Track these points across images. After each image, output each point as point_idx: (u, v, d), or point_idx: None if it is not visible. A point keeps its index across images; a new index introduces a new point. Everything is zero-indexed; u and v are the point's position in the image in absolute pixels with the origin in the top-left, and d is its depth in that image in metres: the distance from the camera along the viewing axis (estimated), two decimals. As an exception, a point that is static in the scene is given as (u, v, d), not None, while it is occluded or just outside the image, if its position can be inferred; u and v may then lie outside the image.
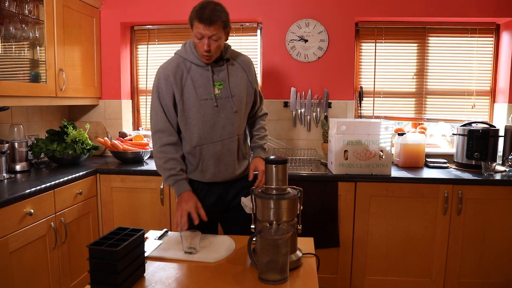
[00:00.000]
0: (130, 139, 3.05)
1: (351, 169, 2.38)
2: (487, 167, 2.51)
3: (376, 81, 3.13)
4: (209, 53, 1.63)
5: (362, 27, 3.08)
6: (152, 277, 1.27)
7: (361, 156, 2.34)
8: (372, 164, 2.37)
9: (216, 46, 1.63)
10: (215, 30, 1.60)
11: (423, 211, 2.45)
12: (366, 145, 2.35)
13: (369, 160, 2.35)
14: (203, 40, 1.61)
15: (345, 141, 2.36)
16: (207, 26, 1.58)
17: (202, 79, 1.71)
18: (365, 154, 2.34)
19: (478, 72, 3.07)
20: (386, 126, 2.35)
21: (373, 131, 2.34)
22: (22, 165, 2.49)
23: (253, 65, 1.86)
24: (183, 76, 1.70)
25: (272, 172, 1.35)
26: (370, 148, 2.35)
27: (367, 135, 2.34)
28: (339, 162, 2.38)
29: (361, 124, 2.36)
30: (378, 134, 2.34)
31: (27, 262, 1.97)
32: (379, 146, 2.36)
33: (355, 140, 2.34)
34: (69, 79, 2.70)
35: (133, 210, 2.66)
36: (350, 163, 2.37)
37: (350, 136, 2.35)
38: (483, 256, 2.46)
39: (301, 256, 1.37)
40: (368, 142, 2.35)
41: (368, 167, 2.37)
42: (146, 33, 3.28)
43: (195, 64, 1.71)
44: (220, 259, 1.41)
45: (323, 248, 2.50)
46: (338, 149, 2.37)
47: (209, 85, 1.70)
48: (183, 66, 1.71)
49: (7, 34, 2.33)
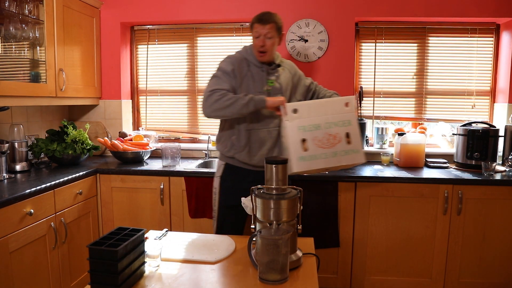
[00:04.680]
0: (130, 139, 3.05)
1: (315, 162, 1.79)
2: (487, 167, 2.51)
3: (376, 81, 3.13)
4: (263, 49, 1.97)
5: (362, 27, 3.08)
6: (152, 277, 1.27)
7: (323, 143, 1.80)
8: (339, 152, 1.81)
9: (270, 44, 1.97)
10: (270, 29, 1.96)
11: (423, 211, 2.45)
12: (327, 129, 1.81)
13: (334, 146, 1.80)
14: (259, 38, 1.97)
15: (300, 127, 1.79)
16: (262, 25, 1.96)
17: (258, 76, 2.03)
18: (328, 140, 1.80)
19: (478, 72, 3.07)
20: (346, 101, 1.84)
21: (332, 110, 1.82)
22: (22, 165, 2.49)
23: (296, 67, 2.23)
24: (244, 69, 2.02)
25: (272, 172, 1.35)
26: (333, 132, 1.81)
27: (325, 116, 1.81)
28: (298, 155, 1.77)
29: (316, 103, 1.88)
30: (340, 113, 1.82)
31: (27, 262, 1.97)
32: (344, 127, 1.82)
33: (313, 125, 1.79)
34: (69, 79, 2.71)
35: (133, 210, 2.66)
36: (312, 154, 1.78)
37: (305, 120, 1.80)
38: (483, 256, 2.46)
39: (301, 256, 1.37)
40: (328, 124, 1.81)
41: (335, 156, 1.80)
42: (146, 33, 3.28)
43: (254, 64, 2.03)
44: (220, 259, 1.41)
45: (323, 248, 2.50)
46: (294, 138, 1.78)
47: (263, 82, 2.02)
48: (245, 63, 2.04)
49: (7, 34, 2.33)
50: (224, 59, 2.06)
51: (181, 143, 3.24)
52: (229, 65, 2.00)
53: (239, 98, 1.87)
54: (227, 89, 1.93)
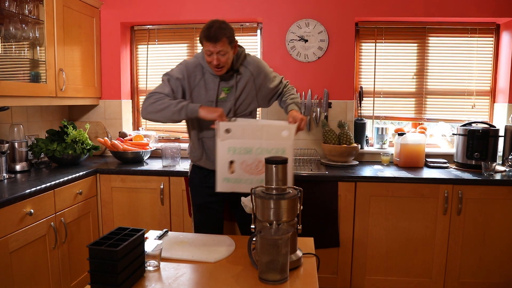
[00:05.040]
0: (130, 139, 3.05)
1: (239, 186, 1.70)
2: (487, 167, 2.51)
3: (376, 81, 3.13)
4: (218, 66, 1.85)
5: (362, 27, 3.08)
6: (152, 277, 1.27)
7: (251, 168, 1.68)
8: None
9: (224, 59, 1.84)
10: (221, 47, 1.80)
11: (423, 211, 2.45)
12: (258, 154, 1.68)
13: (262, 174, 1.63)
14: (212, 55, 1.82)
15: (230, 148, 1.69)
16: (214, 44, 1.79)
17: (212, 83, 1.95)
18: (257, 166, 1.68)
19: (478, 72, 3.07)
20: (286, 130, 1.71)
21: (268, 136, 1.69)
22: (22, 165, 2.49)
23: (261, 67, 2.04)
24: (197, 77, 1.95)
25: (272, 172, 1.35)
26: (263, 158, 1.52)
27: (260, 141, 1.69)
28: (223, 175, 1.70)
29: (252, 126, 1.73)
30: (275, 140, 1.69)
31: (27, 262, 1.97)
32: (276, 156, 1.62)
33: (244, 148, 1.68)
34: (69, 79, 2.71)
35: (133, 210, 2.66)
36: (237, 177, 1.70)
37: (237, 142, 1.69)
38: (483, 256, 2.46)
39: (301, 256, 1.37)
40: (260, 150, 1.68)
41: (262, 183, 1.55)
42: (146, 33, 3.28)
43: (208, 71, 1.95)
44: (220, 259, 1.41)
45: (323, 248, 2.50)
46: (222, 159, 1.70)
47: (217, 90, 1.94)
48: (199, 69, 1.96)
49: (7, 34, 2.33)
50: (178, 64, 1.99)
51: (181, 143, 3.24)
52: (179, 73, 1.93)
53: (171, 104, 1.81)
54: (166, 93, 1.88)
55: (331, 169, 2.65)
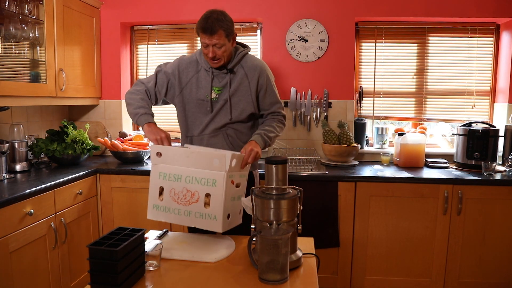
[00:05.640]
0: (130, 139, 3.05)
1: (168, 216, 1.58)
2: (487, 167, 2.51)
3: (376, 81, 3.13)
4: (214, 59, 1.78)
5: (362, 27, 3.08)
6: (152, 277, 1.27)
7: (179, 198, 1.54)
8: (194, 212, 1.54)
9: (221, 52, 1.77)
10: (218, 39, 1.73)
11: (423, 211, 2.45)
12: (187, 183, 1.53)
13: (190, 205, 1.54)
14: (208, 48, 1.76)
15: (161, 173, 1.57)
16: (209, 36, 1.72)
17: (205, 81, 1.88)
18: (185, 196, 1.54)
19: (478, 72, 3.07)
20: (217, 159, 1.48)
21: (197, 164, 1.51)
22: (22, 165, 2.49)
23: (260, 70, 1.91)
24: (190, 73, 1.90)
25: (272, 172, 1.35)
26: (192, 189, 1.53)
27: (189, 168, 1.53)
28: (153, 202, 1.60)
29: (181, 152, 1.55)
30: (206, 170, 1.50)
31: (27, 262, 1.97)
32: (205, 186, 1.51)
33: (174, 174, 1.55)
34: (69, 79, 2.71)
35: (133, 210, 2.66)
36: (165, 206, 1.57)
37: (168, 167, 1.56)
38: (483, 256, 2.46)
39: (301, 256, 1.37)
40: (190, 178, 1.53)
41: (189, 216, 1.54)
42: (146, 33, 3.29)
43: (204, 68, 1.89)
44: (220, 259, 1.41)
45: (323, 248, 2.50)
46: (153, 184, 1.59)
47: (208, 88, 1.88)
48: (194, 65, 1.91)
49: (7, 34, 2.33)
50: (177, 58, 1.97)
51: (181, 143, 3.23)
52: (170, 68, 1.91)
53: (134, 106, 1.84)
54: (149, 86, 1.90)
55: (331, 169, 2.65)
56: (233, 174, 1.53)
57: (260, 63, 1.94)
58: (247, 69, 1.90)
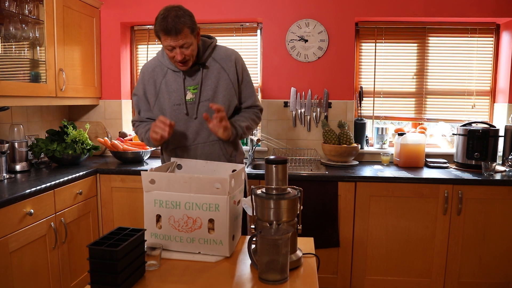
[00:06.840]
0: (130, 139, 3.05)
1: (169, 244, 1.48)
2: (487, 167, 2.51)
3: (376, 81, 3.13)
4: (184, 61, 1.63)
5: (362, 27, 3.08)
6: (152, 277, 1.27)
7: (180, 225, 1.47)
8: (198, 239, 1.47)
9: (189, 52, 1.61)
10: (184, 39, 1.56)
11: (423, 211, 2.45)
12: (187, 210, 1.45)
13: (193, 232, 1.48)
14: (174, 50, 1.59)
15: (156, 201, 1.47)
16: (174, 37, 1.55)
17: (175, 84, 1.71)
18: (186, 223, 1.47)
19: (478, 72, 3.08)
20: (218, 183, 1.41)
21: (198, 188, 1.43)
22: (22, 165, 2.49)
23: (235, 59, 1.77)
24: (157, 81, 1.74)
25: (272, 172, 1.34)
26: (193, 215, 1.45)
27: (188, 194, 1.44)
28: (151, 231, 1.51)
29: (178, 178, 1.45)
30: (207, 195, 1.43)
31: (27, 262, 1.97)
32: (208, 212, 1.44)
33: (171, 201, 1.46)
34: (69, 79, 2.71)
35: (133, 210, 2.66)
36: (165, 234, 1.48)
37: (164, 194, 1.47)
38: (483, 256, 2.46)
39: (301, 256, 1.37)
40: (190, 205, 1.45)
41: (192, 243, 1.47)
42: (146, 33, 3.28)
43: (171, 69, 1.72)
44: (220, 259, 1.41)
45: (323, 248, 2.50)
46: (148, 212, 1.49)
47: (181, 90, 1.71)
48: (159, 70, 1.75)
49: (7, 34, 2.33)
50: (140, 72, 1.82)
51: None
52: (139, 88, 1.79)
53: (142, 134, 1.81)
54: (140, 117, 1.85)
55: (331, 169, 2.65)
56: (235, 194, 1.47)
57: (233, 51, 1.81)
58: (221, 61, 1.74)
